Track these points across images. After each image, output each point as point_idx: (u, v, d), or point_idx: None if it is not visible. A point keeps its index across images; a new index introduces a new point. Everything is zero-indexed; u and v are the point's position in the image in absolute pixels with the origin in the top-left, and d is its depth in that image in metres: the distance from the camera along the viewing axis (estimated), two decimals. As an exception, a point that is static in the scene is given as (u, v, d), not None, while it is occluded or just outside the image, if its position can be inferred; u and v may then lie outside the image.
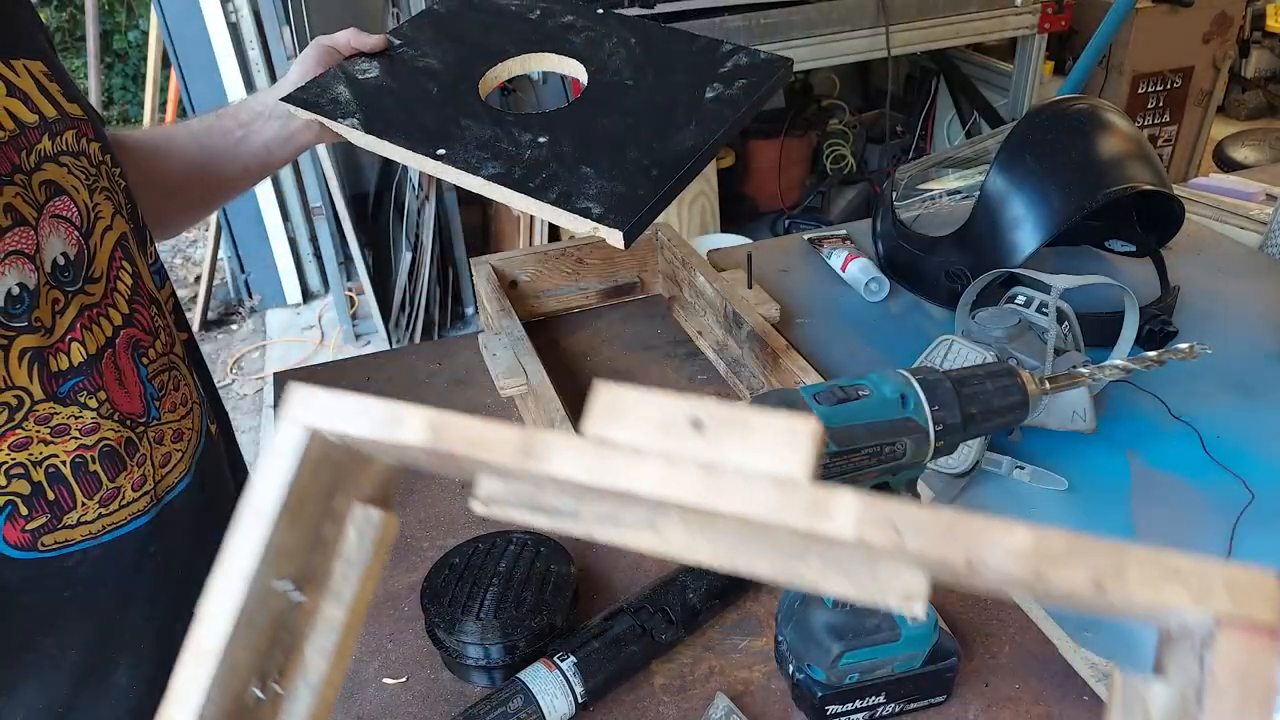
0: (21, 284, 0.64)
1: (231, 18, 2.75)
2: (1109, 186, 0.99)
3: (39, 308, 0.65)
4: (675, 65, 0.84)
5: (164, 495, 0.75)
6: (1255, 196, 1.32)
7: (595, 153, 0.77)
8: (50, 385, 0.67)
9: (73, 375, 0.68)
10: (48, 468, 0.68)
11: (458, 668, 0.72)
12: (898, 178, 1.24)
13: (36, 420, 0.66)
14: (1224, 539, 0.77)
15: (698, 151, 0.74)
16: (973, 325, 0.89)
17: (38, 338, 0.66)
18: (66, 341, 0.68)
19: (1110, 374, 0.66)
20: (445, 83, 0.88)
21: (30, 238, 0.65)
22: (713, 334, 1.09)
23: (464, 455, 0.33)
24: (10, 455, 0.66)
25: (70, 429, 0.69)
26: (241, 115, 0.90)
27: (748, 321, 0.98)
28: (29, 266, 0.65)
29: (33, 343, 0.65)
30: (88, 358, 0.69)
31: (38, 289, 0.65)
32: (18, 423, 0.65)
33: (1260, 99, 4.01)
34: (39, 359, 0.66)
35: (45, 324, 0.66)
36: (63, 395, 0.68)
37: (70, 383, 0.68)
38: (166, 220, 0.89)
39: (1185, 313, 1.07)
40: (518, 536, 0.77)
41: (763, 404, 0.56)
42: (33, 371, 0.66)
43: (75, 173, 0.70)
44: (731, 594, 0.76)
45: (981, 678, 0.70)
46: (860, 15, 2.42)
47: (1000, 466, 0.85)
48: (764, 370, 0.96)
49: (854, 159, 3.51)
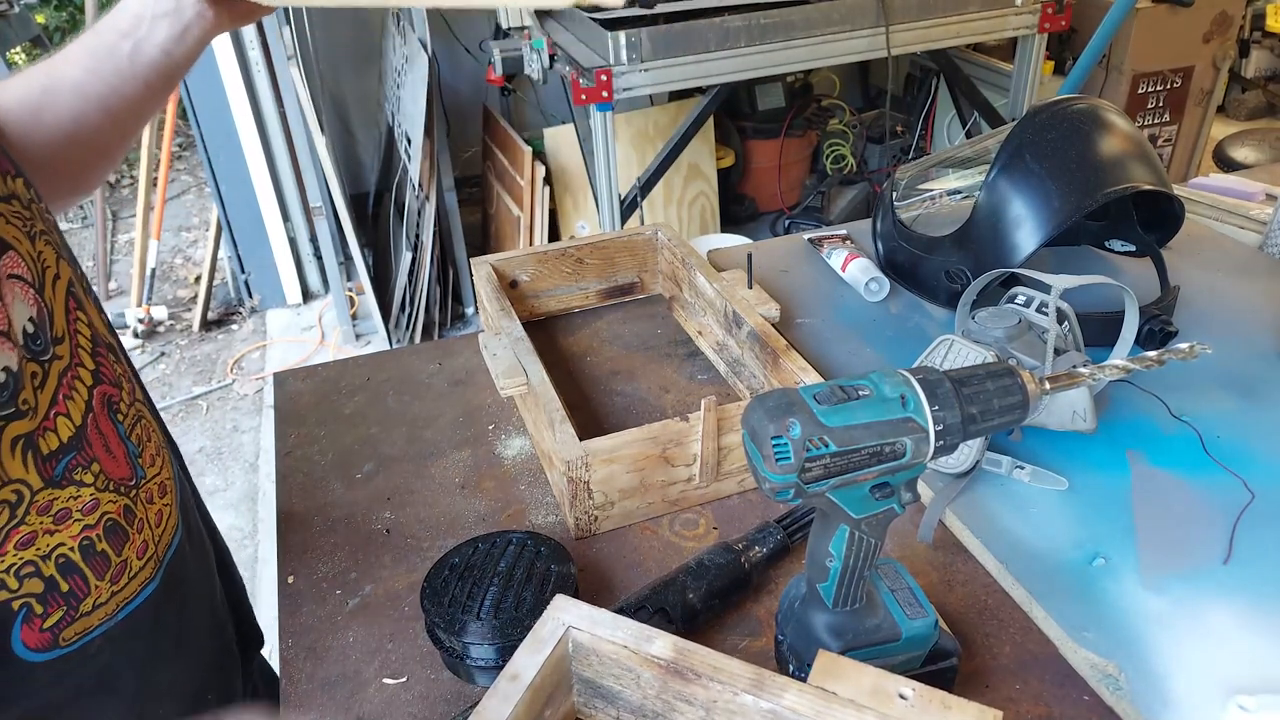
0: (5, 368, 0.58)
1: (231, 18, 2.74)
2: (1109, 186, 0.99)
3: (24, 389, 0.59)
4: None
5: (165, 556, 0.71)
6: (1255, 196, 1.32)
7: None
8: (46, 470, 0.61)
9: (64, 454, 0.63)
10: (57, 558, 0.63)
11: (458, 668, 0.72)
12: (898, 178, 1.24)
13: (38, 511, 0.61)
14: (1224, 539, 0.77)
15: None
16: (973, 325, 0.89)
17: (26, 422, 0.59)
18: (53, 418, 0.62)
19: (1110, 374, 0.66)
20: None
21: (2, 312, 0.58)
22: (713, 334, 1.09)
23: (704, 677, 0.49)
24: (18, 555, 0.60)
25: (72, 512, 0.63)
26: (121, 24, 0.74)
27: (748, 322, 0.98)
28: (7, 345, 0.58)
29: (23, 429, 0.59)
30: (76, 430, 0.64)
31: (20, 369, 0.59)
32: (20, 519, 0.60)
33: (1260, 99, 4.01)
34: (31, 445, 0.60)
35: (31, 404, 0.60)
36: (59, 478, 0.62)
37: (63, 461, 0.63)
38: (81, 175, 0.79)
39: (1185, 313, 1.07)
40: (517, 536, 0.77)
41: (763, 403, 0.56)
42: (27, 460, 0.60)
43: (12, 221, 0.62)
44: (731, 594, 0.76)
45: (982, 678, 0.70)
46: (860, 15, 2.42)
47: (1000, 466, 0.85)
48: (764, 370, 0.96)
49: (854, 159, 3.51)
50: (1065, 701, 0.68)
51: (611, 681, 0.58)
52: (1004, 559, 0.77)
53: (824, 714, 0.52)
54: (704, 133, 3.18)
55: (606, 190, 2.44)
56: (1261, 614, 0.71)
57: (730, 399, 0.99)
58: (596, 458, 0.81)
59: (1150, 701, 0.65)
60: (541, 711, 0.57)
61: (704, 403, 0.81)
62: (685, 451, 0.84)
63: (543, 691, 0.56)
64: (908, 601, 0.66)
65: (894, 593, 0.67)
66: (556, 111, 3.45)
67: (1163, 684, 0.66)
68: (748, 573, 0.77)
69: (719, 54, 2.35)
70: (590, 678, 0.59)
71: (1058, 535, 0.79)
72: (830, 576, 0.62)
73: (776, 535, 0.80)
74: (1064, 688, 0.69)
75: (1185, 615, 0.71)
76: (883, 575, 0.69)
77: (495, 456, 0.97)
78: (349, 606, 0.80)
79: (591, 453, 0.81)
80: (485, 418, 1.02)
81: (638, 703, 0.58)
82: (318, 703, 0.72)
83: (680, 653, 0.55)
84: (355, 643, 0.77)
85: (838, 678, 0.56)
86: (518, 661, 0.56)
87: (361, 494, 0.93)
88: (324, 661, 0.75)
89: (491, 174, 3.39)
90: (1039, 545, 0.78)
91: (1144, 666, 0.67)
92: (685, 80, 2.40)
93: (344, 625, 0.78)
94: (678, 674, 0.55)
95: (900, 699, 0.54)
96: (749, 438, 0.57)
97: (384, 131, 3.47)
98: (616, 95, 2.28)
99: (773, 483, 0.55)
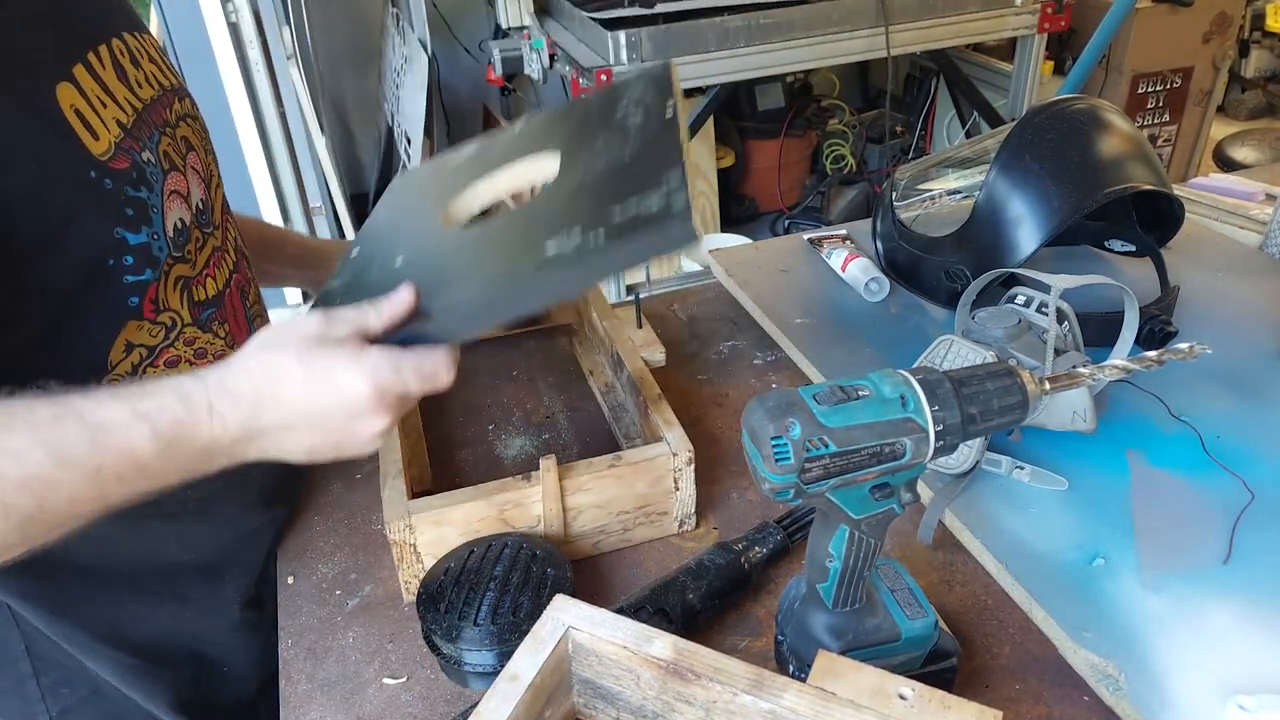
0: (181, 219, 0.74)
1: (231, 18, 2.75)
2: (1109, 186, 0.99)
3: (189, 242, 0.75)
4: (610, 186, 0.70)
5: None
6: (1255, 196, 1.32)
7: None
8: (195, 312, 0.76)
9: (209, 305, 0.77)
10: None
11: (455, 674, 0.72)
12: (898, 178, 1.24)
13: (185, 342, 0.75)
14: (1224, 539, 0.77)
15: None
16: (973, 325, 0.89)
17: (187, 268, 0.75)
18: (203, 275, 0.77)
19: (1110, 374, 0.66)
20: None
21: (182, 181, 0.75)
22: (604, 374, 1.05)
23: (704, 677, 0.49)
24: (166, 371, 0.73)
25: (207, 353, 0.77)
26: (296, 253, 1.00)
27: (627, 365, 0.93)
28: (184, 205, 0.75)
29: (184, 272, 0.74)
30: (218, 291, 0.79)
31: (190, 225, 0.75)
32: (170, 341, 0.74)
33: (1260, 99, 4.01)
34: (187, 287, 0.75)
35: (191, 257, 0.75)
36: (203, 321, 0.77)
37: (208, 312, 0.77)
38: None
39: (1185, 313, 1.07)
40: (513, 540, 0.76)
41: (763, 403, 0.56)
42: (183, 297, 0.74)
43: (196, 133, 0.80)
44: (731, 594, 0.76)
45: (982, 678, 0.70)
46: (860, 15, 2.42)
47: (1000, 466, 0.85)
48: (640, 418, 0.91)
49: (854, 159, 3.51)
50: (1065, 701, 0.68)
51: (611, 682, 0.58)
52: (1004, 559, 0.77)
53: (823, 714, 0.52)
54: (704, 133, 3.17)
55: (606, 190, 2.44)
56: (1261, 614, 0.71)
57: (602, 450, 0.84)
58: (424, 519, 0.75)
59: (1150, 701, 0.65)
60: (541, 712, 0.57)
61: (542, 462, 0.76)
62: (526, 513, 0.79)
63: (543, 692, 0.56)
64: (907, 602, 0.66)
65: (894, 593, 0.67)
66: (556, 111, 3.44)
67: (1162, 684, 0.66)
68: (747, 573, 0.77)
69: (719, 54, 2.35)
70: (590, 678, 0.59)
71: (1057, 535, 0.79)
72: (830, 577, 0.62)
73: (776, 535, 0.80)
74: (1064, 688, 0.69)
75: (1185, 615, 0.71)
76: (883, 575, 0.69)
77: (495, 457, 0.96)
78: (349, 607, 0.80)
79: (416, 513, 0.76)
80: (485, 418, 1.02)
81: (638, 703, 0.58)
82: (318, 703, 0.72)
83: (680, 653, 0.55)
84: (355, 643, 0.77)
85: (837, 678, 0.56)
86: (518, 662, 0.56)
87: (361, 494, 0.93)
88: (324, 661, 0.75)
89: (491, 174, 3.39)
90: (1039, 545, 0.78)
91: (1144, 666, 0.67)
92: (685, 80, 2.39)
93: (344, 625, 0.78)
94: (677, 674, 0.55)
95: (900, 699, 0.54)
96: (749, 438, 0.57)
97: (384, 131, 3.47)
98: (616, 95, 2.28)
99: (773, 483, 0.55)
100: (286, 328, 0.63)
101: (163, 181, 0.72)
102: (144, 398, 0.58)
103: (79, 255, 0.67)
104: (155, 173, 0.71)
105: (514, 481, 0.79)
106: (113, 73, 0.71)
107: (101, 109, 0.68)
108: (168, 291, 0.72)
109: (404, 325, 0.64)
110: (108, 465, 0.56)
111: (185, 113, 0.79)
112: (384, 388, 0.61)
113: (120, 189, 0.68)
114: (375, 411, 0.61)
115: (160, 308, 0.72)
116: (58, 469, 0.55)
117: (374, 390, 0.60)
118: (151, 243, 0.70)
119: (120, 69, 0.72)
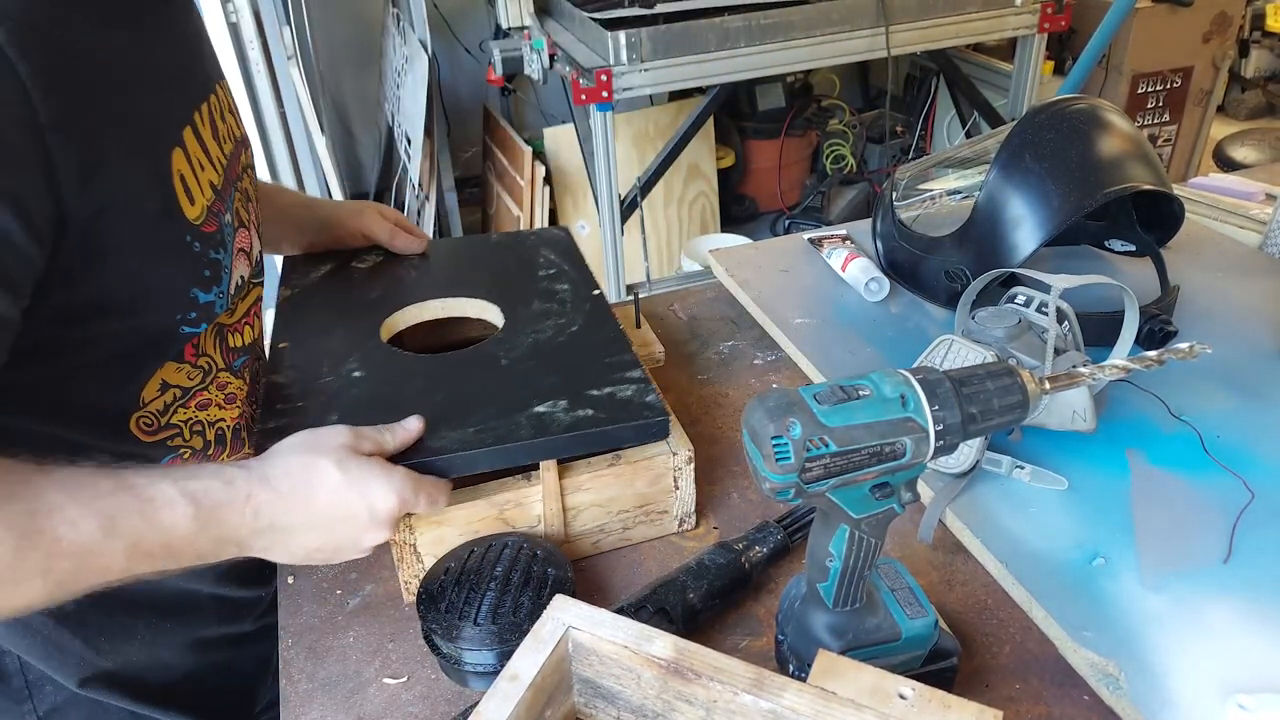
0: (242, 275, 0.76)
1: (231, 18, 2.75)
2: (1109, 186, 0.99)
3: (245, 296, 0.78)
4: (577, 360, 0.84)
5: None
6: (1255, 196, 1.32)
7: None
8: (229, 358, 0.78)
9: (242, 353, 0.80)
10: (218, 429, 0.78)
11: (455, 673, 0.72)
12: (898, 178, 1.24)
13: (217, 386, 0.77)
14: (1224, 539, 0.77)
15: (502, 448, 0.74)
16: (973, 325, 0.89)
17: (226, 316, 0.76)
18: (240, 325, 0.80)
19: (1110, 374, 0.66)
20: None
21: (247, 238, 0.77)
22: None
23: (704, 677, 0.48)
24: (196, 414, 0.76)
25: (237, 398, 0.80)
26: (263, 203, 0.95)
27: None
28: (246, 261, 0.78)
29: (223, 320, 0.76)
30: (251, 340, 0.82)
31: (248, 281, 0.78)
32: (205, 385, 0.76)
33: (1260, 99, 4.01)
34: (221, 335, 0.77)
35: (234, 306, 0.77)
36: (236, 368, 0.80)
37: (240, 359, 0.80)
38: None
39: (1185, 313, 1.07)
40: (513, 540, 0.76)
41: (763, 403, 0.56)
42: (218, 344, 0.77)
43: (254, 183, 0.83)
44: (732, 594, 0.76)
45: (982, 678, 0.70)
46: (860, 15, 2.42)
47: (1000, 466, 0.85)
48: None
49: (854, 159, 3.51)
50: (1065, 701, 0.68)
51: (612, 681, 0.58)
52: (1004, 559, 0.77)
53: (824, 714, 0.52)
54: (704, 133, 3.18)
55: (606, 190, 2.44)
56: (1261, 614, 0.71)
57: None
58: (424, 519, 0.75)
59: (1150, 701, 0.65)
60: (542, 711, 0.57)
61: (542, 463, 0.77)
62: (526, 513, 0.79)
63: (543, 691, 0.56)
64: (908, 601, 0.66)
65: (894, 592, 0.67)
66: (556, 111, 3.45)
67: (1162, 683, 0.66)
68: (748, 572, 0.77)
69: (719, 54, 2.35)
70: (590, 677, 0.59)
71: (1058, 535, 0.79)
72: (830, 576, 0.62)
73: (776, 535, 0.80)
74: (1064, 687, 0.69)
75: (1185, 615, 0.71)
76: (883, 575, 0.69)
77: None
78: (349, 606, 0.80)
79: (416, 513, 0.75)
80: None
81: (638, 703, 0.58)
82: (318, 703, 0.72)
83: (680, 652, 0.55)
84: (355, 643, 0.77)
85: (838, 677, 0.56)
86: (518, 661, 0.56)
87: (362, 494, 0.93)
88: (324, 661, 0.75)
89: (491, 174, 3.39)
90: (1039, 545, 0.78)
91: (1144, 666, 0.67)
92: (685, 80, 2.40)
93: (344, 625, 0.78)
94: (678, 674, 0.55)
95: (900, 699, 0.54)
96: (749, 438, 0.57)
97: (384, 131, 3.47)
98: (616, 95, 2.28)
99: (773, 483, 0.55)
100: (323, 435, 0.67)
101: (233, 240, 0.73)
102: (191, 479, 0.61)
103: (155, 317, 0.69)
104: (230, 233, 0.73)
105: (514, 481, 0.79)
106: (209, 131, 0.71)
107: (200, 172, 0.69)
108: (207, 338, 0.74)
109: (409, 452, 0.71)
110: (146, 540, 0.59)
111: (248, 164, 0.80)
112: (405, 504, 0.66)
113: (205, 252, 0.70)
114: (385, 525, 0.67)
115: (200, 352, 0.74)
116: (106, 539, 0.57)
117: (398, 504, 0.66)
118: (216, 300, 0.72)
119: (214, 126, 0.72)
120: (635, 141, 3.13)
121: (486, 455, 0.73)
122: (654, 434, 0.78)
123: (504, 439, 0.73)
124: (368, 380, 0.81)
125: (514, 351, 0.85)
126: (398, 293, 0.95)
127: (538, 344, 0.86)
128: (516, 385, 0.80)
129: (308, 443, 0.66)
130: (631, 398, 0.79)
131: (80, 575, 0.57)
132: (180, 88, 0.70)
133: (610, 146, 2.37)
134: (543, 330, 0.88)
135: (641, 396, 0.79)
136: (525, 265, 1.01)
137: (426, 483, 0.69)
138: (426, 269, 1.01)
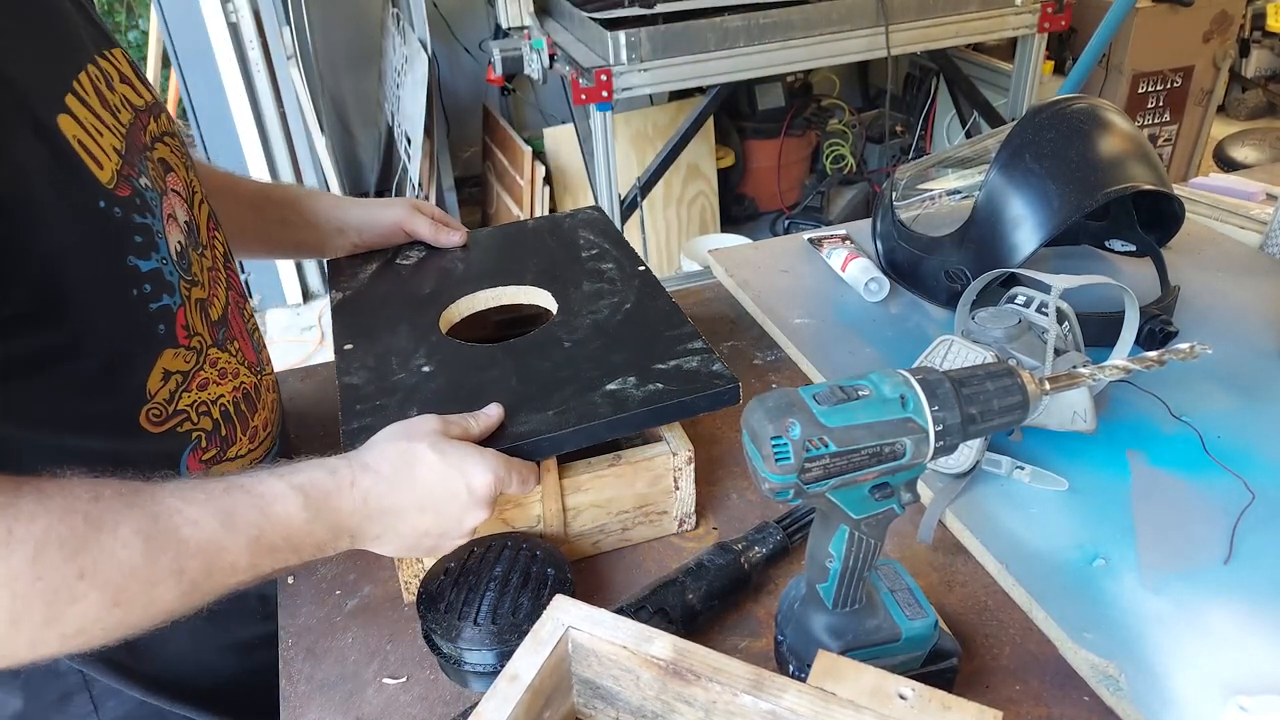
0: (179, 241, 0.74)
1: (231, 18, 2.75)
2: (1109, 186, 0.99)
3: (193, 264, 0.75)
4: (638, 336, 0.86)
5: (275, 440, 0.87)
6: (1255, 196, 1.32)
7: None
8: (213, 332, 0.77)
9: (221, 324, 0.79)
10: (220, 406, 0.78)
11: (455, 674, 0.72)
12: (897, 178, 1.24)
13: (209, 364, 0.77)
14: (1224, 539, 0.77)
15: (568, 427, 0.75)
16: (973, 325, 0.89)
17: (199, 290, 0.76)
18: (210, 296, 0.78)
19: (1110, 374, 0.66)
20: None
21: (170, 204, 0.74)
22: None
23: (704, 678, 0.48)
24: (198, 395, 0.75)
25: (228, 372, 0.79)
26: (301, 207, 0.98)
27: None
28: (178, 227, 0.74)
29: (199, 294, 0.76)
30: (223, 310, 0.80)
31: (186, 247, 0.75)
32: (200, 365, 0.75)
33: (1260, 99, 4.01)
34: (203, 308, 0.76)
35: (199, 279, 0.76)
36: (221, 341, 0.78)
37: (221, 330, 0.79)
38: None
39: (1185, 313, 1.07)
40: (513, 540, 0.76)
41: (763, 403, 0.56)
42: (203, 319, 0.76)
43: (175, 151, 0.79)
44: (731, 594, 0.76)
45: (982, 679, 0.70)
46: (860, 15, 2.42)
47: (1000, 466, 0.85)
48: None
49: (854, 159, 3.51)
50: (1065, 702, 0.68)
51: (611, 682, 0.58)
52: (1004, 559, 0.77)
53: (823, 714, 0.52)
54: (704, 133, 3.18)
55: (606, 190, 2.44)
56: (1261, 614, 0.71)
57: (601, 450, 0.84)
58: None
59: (1150, 702, 0.65)
60: (541, 712, 0.57)
61: (542, 461, 0.77)
62: (526, 513, 0.79)
63: (542, 692, 0.56)
64: (907, 602, 0.66)
65: (894, 593, 0.67)
66: (556, 111, 3.45)
67: (1163, 684, 0.66)
68: (747, 573, 0.77)
69: (719, 54, 2.35)
70: (590, 678, 0.59)
71: (1058, 536, 0.79)
72: (830, 577, 0.62)
73: (776, 535, 0.80)
74: (1064, 688, 0.69)
75: (1185, 615, 0.71)
76: (882, 576, 0.68)
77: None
78: (348, 607, 0.80)
79: None
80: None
81: (637, 703, 0.58)
82: (317, 703, 0.72)
83: (680, 653, 0.55)
84: (354, 643, 0.77)
85: (837, 678, 0.56)
86: (517, 662, 0.56)
87: (361, 494, 0.93)
88: (323, 662, 0.75)
89: (491, 174, 3.39)
90: (1039, 546, 0.78)
91: (1144, 667, 0.67)
92: (685, 80, 2.40)
93: (343, 626, 0.78)
94: (677, 674, 0.55)
95: (900, 699, 0.54)
96: (748, 438, 0.57)
97: (384, 131, 3.47)
98: (616, 95, 2.28)
99: (772, 483, 0.55)
100: (413, 423, 0.70)
101: (160, 205, 0.73)
102: (294, 473, 0.63)
103: (109, 296, 0.68)
104: (154, 197, 0.72)
105: None
106: (96, 99, 0.69)
107: (99, 136, 0.67)
108: (192, 315, 0.74)
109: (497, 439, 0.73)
110: (266, 534, 0.60)
111: (162, 131, 0.78)
112: (500, 482, 0.68)
113: (129, 217, 0.68)
114: (485, 505, 0.68)
115: (191, 332, 0.74)
116: (228, 535, 0.59)
117: (495, 482, 0.67)
118: (162, 267, 0.71)
119: (101, 95, 0.70)
120: (635, 141, 3.13)
121: (573, 436, 0.75)
122: (726, 400, 0.79)
123: (586, 418, 0.75)
124: (439, 373, 0.82)
125: (575, 334, 0.86)
126: (448, 286, 0.96)
127: (597, 324, 0.88)
128: (584, 366, 0.81)
129: (400, 431, 0.69)
130: (698, 368, 0.80)
131: (211, 574, 0.59)
132: (53, 58, 0.67)
133: (610, 146, 2.37)
134: (599, 310, 0.90)
135: (708, 365, 0.80)
136: (567, 247, 1.02)
137: (517, 463, 0.71)
138: (470, 260, 1.02)
